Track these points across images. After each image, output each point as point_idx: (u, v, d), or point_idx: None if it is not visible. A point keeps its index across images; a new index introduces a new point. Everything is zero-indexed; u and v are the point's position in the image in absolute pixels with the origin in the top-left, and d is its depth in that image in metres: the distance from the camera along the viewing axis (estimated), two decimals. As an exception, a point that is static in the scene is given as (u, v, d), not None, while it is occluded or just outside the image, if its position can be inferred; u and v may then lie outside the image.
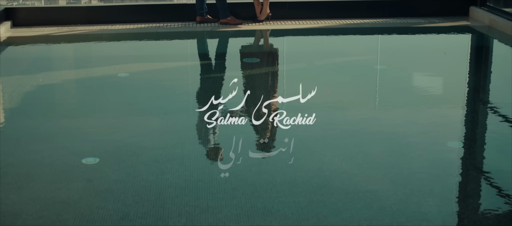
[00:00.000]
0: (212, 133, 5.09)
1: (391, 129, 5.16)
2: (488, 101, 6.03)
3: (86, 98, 6.14)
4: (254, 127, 5.13)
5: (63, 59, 7.69)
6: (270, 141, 4.99)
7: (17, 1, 14.06)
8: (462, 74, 6.94)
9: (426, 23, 8.94)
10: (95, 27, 8.68)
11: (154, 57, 7.61)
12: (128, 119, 5.44)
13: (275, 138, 4.97)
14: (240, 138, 4.76)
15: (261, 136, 5.03)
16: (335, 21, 9.01)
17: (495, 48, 8.30)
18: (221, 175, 4.23)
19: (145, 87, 6.37)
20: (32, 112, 5.68)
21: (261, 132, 5.09)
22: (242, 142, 4.70)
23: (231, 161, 4.44)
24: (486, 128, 5.32)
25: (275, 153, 4.65)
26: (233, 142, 4.70)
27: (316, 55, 7.72)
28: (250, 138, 4.93)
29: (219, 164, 4.53)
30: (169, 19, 8.99)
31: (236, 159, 4.46)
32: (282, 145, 4.67)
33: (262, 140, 5.01)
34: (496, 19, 8.56)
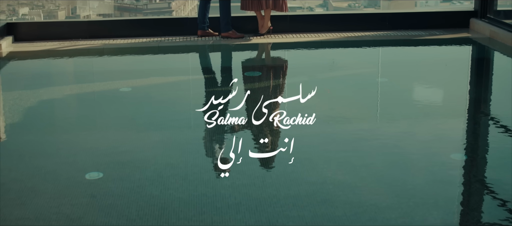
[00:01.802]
0: (216, 147, 5.09)
1: (393, 142, 5.16)
2: (490, 113, 6.03)
3: (88, 113, 6.14)
4: (254, 129, 5.14)
5: (65, 74, 7.71)
6: (270, 142, 5.00)
7: (18, 15, 14.08)
8: (463, 86, 6.95)
9: (427, 36, 8.96)
10: (97, 42, 8.70)
11: (156, 71, 7.62)
12: (131, 133, 5.44)
13: (276, 142, 4.98)
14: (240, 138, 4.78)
15: (261, 138, 5.04)
16: (336, 34, 9.03)
17: (496, 59, 8.31)
18: (221, 175, 4.25)
19: (147, 101, 6.38)
20: (35, 127, 5.68)
21: (261, 134, 5.09)
22: (242, 142, 4.73)
23: (231, 160, 4.47)
24: (488, 140, 5.32)
25: (276, 153, 4.68)
26: (233, 142, 4.74)
27: (317, 68, 7.73)
28: (250, 140, 4.93)
29: (219, 164, 4.56)
30: (170, 33, 9.01)
31: (236, 159, 4.49)
32: (282, 146, 4.70)
33: (262, 140, 5.03)
34: (497, 31, 8.58)
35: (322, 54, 8.52)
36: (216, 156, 4.90)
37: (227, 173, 4.39)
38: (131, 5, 15.22)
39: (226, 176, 4.33)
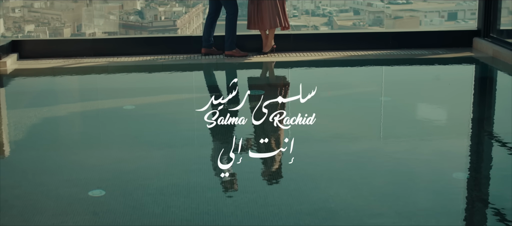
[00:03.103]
0: (220, 165, 5.10)
1: (396, 160, 5.16)
2: (493, 132, 6.04)
3: (91, 131, 6.16)
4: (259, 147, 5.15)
5: (69, 91, 7.73)
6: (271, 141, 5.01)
7: (23, 33, 14.13)
8: (466, 105, 6.95)
9: (430, 54, 8.97)
10: (101, 60, 8.73)
11: (160, 89, 7.64)
12: (134, 151, 5.45)
13: (280, 161, 5.00)
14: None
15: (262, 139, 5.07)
16: (339, 53, 9.05)
17: (499, 79, 8.33)
18: (221, 175, 4.26)
19: (151, 119, 6.39)
20: (38, 144, 5.70)
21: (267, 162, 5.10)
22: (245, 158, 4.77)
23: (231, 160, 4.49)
24: (491, 159, 5.32)
25: (276, 152, 4.70)
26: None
27: (320, 87, 7.74)
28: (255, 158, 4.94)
29: (219, 164, 4.57)
30: (174, 52, 9.04)
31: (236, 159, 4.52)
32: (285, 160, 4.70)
33: (262, 140, 5.05)
34: (500, 50, 8.60)
35: (325, 73, 8.53)
36: (219, 174, 4.91)
37: (227, 174, 4.41)
38: (136, 23, 15.28)
39: (226, 176, 4.36)
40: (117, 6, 15.53)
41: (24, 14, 14.97)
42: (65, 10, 15.19)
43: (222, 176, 4.43)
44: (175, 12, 15.68)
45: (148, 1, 16.09)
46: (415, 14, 16.39)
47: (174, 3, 15.84)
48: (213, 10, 8.79)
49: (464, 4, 15.65)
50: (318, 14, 16.23)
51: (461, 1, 15.96)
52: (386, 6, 16.02)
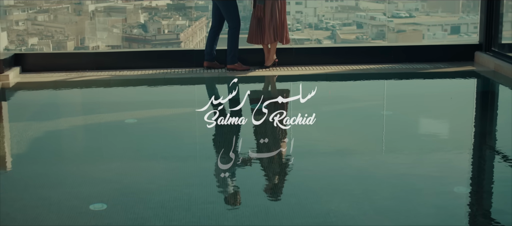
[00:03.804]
0: (221, 178, 5.10)
1: (397, 174, 5.16)
2: (495, 146, 6.04)
3: (93, 144, 6.17)
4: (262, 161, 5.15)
5: (71, 105, 7.75)
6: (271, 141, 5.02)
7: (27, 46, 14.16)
8: (468, 119, 6.96)
9: (431, 68, 8.99)
10: (104, 73, 8.75)
11: (162, 103, 7.66)
12: (136, 164, 5.46)
13: (283, 176, 5.00)
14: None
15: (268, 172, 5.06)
16: (341, 67, 9.07)
17: (500, 93, 8.33)
18: (221, 175, 4.25)
19: (153, 133, 6.40)
20: (40, 157, 5.71)
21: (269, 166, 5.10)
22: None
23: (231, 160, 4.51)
24: (493, 173, 5.32)
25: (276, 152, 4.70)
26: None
27: (322, 101, 7.75)
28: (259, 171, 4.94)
29: (219, 164, 4.57)
30: (176, 65, 9.06)
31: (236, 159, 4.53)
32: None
33: (262, 140, 5.05)
34: (501, 64, 8.61)
35: (327, 87, 8.54)
36: (220, 188, 4.92)
37: (227, 173, 4.43)
38: (140, 36, 15.32)
39: (226, 176, 4.37)
40: (121, 20, 15.58)
41: (27, 27, 15.02)
42: (69, 23, 15.23)
43: (221, 176, 4.45)
44: (179, 26, 15.71)
45: (152, 14, 16.14)
46: (418, 27, 16.42)
47: (177, 16, 15.89)
48: (216, 24, 8.82)
49: (467, 18, 15.68)
50: (321, 28, 16.26)
51: (464, 15, 15.99)
52: (389, 20, 16.06)
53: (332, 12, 16.85)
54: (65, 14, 15.62)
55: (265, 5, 8.60)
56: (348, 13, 16.77)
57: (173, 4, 16.82)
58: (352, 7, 16.94)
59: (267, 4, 8.60)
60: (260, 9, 8.60)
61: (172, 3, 16.82)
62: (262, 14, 8.61)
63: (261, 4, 8.59)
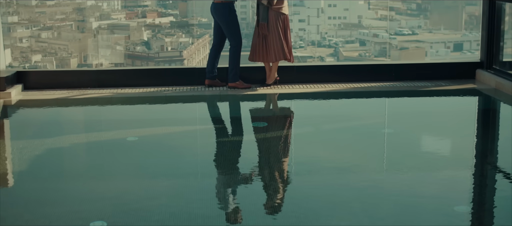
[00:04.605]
0: (222, 197, 5.11)
1: (398, 193, 5.16)
2: (496, 164, 6.04)
3: (94, 162, 6.18)
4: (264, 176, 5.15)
5: (73, 122, 7.77)
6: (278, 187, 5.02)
7: (30, 63, 14.20)
8: (469, 136, 6.95)
9: (433, 86, 8.99)
10: (105, 91, 8.78)
11: (163, 121, 7.67)
12: (136, 182, 5.47)
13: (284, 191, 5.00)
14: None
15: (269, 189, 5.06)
16: (343, 85, 9.08)
17: (502, 110, 8.33)
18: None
19: (154, 151, 6.41)
20: (41, 175, 5.72)
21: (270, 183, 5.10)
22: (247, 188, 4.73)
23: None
24: (494, 192, 5.31)
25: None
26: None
27: (323, 119, 7.77)
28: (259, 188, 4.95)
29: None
30: (178, 83, 9.08)
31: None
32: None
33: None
34: (503, 82, 8.62)
35: (328, 105, 8.56)
36: (220, 206, 4.92)
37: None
38: (143, 53, 15.36)
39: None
40: (124, 37, 15.63)
41: (31, 44, 15.08)
42: (72, 40, 15.29)
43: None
44: (182, 43, 15.76)
45: (155, 32, 16.20)
46: (421, 45, 16.45)
47: (180, 34, 15.94)
48: (218, 42, 8.86)
49: (469, 35, 15.71)
50: (324, 45, 16.30)
51: (467, 32, 16.02)
52: (392, 37, 16.10)
53: (335, 29, 16.89)
54: (69, 31, 15.68)
55: (269, 23, 8.63)
56: (351, 30, 16.82)
57: (176, 21, 16.89)
58: (355, 24, 16.99)
59: (271, 22, 8.63)
60: (264, 27, 8.63)
61: (175, 21, 16.89)
62: (266, 32, 8.64)
63: (264, 22, 8.62)
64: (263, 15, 8.62)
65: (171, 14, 17.49)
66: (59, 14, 16.06)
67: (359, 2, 17.53)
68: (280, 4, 8.62)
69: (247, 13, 15.00)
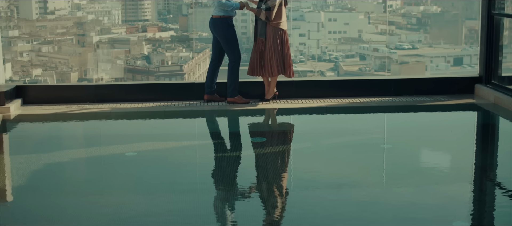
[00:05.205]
0: (220, 213, 5.11)
1: (397, 208, 5.16)
2: (495, 179, 6.03)
3: (93, 177, 6.18)
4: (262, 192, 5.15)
5: (72, 137, 7.77)
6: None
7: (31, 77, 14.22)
8: (468, 152, 6.95)
9: (432, 101, 9.00)
10: (104, 106, 8.78)
11: (162, 136, 7.67)
12: (135, 198, 5.46)
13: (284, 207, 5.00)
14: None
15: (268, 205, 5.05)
16: (341, 99, 9.08)
17: (501, 125, 8.34)
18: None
19: (153, 166, 6.41)
20: (40, 190, 5.72)
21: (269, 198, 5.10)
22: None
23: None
24: (493, 207, 5.31)
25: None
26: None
27: (322, 134, 7.77)
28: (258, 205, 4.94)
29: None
30: (177, 98, 9.09)
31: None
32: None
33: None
34: (501, 97, 8.62)
35: (327, 120, 8.56)
36: (218, 221, 4.92)
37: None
38: (144, 68, 15.39)
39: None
40: (124, 51, 15.67)
41: (31, 58, 15.11)
42: (73, 54, 15.33)
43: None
44: (182, 57, 15.79)
45: (155, 46, 16.23)
46: (421, 59, 16.48)
47: (181, 48, 15.97)
48: (216, 57, 8.87)
49: (470, 50, 15.75)
50: (324, 60, 16.33)
51: (467, 47, 16.06)
52: (392, 52, 16.13)
53: (335, 43, 16.93)
54: (69, 45, 15.72)
55: (267, 38, 8.64)
56: (351, 45, 16.86)
57: (176, 36, 16.93)
58: (355, 39, 17.04)
59: (269, 37, 8.65)
60: (262, 43, 8.65)
61: (175, 35, 16.93)
62: (263, 48, 8.65)
63: (262, 38, 8.63)
64: (261, 30, 8.64)
65: (172, 29, 17.54)
66: (60, 28, 16.11)
67: (359, 16, 17.59)
68: (279, 20, 8.64)
69: (247, 28, 15.04)
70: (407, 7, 17.76)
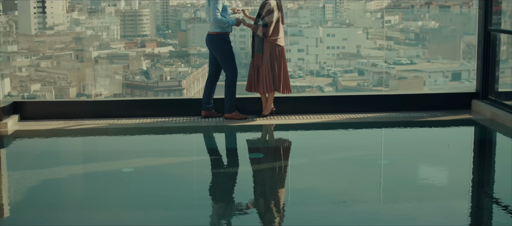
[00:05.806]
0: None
1: (394, 224, 5.16)
2: (492, 194, 6.04)
3: (90, 193, 6.18)
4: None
5: (69, 153, 7.78)
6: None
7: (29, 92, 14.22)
8: (465, 167, 6.96)
9: (429, 117, 9.01)
10: (102, 122, 8.79)
11: (159, 152, 7.68)
12: (131, 214, 5.47)
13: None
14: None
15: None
16: (339, 115, 9.09)
17: (497, 141, 8.35)
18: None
19: (150, 182, 6.41)
20: (37, 206, 5.72)
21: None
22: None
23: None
24: (490, 223, 5.31)
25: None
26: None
27: (320, 150, 7.78)
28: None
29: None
30: (174, 114, 9.09)
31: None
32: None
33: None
34: (498, 112, 8.64)
35: (324, 136, 8.57)
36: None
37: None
38: (142, 83, 15.41)
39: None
40: (123, 66, 15.69)
41: (30, 73, 15.12)
42: (71, 69, 15.34)
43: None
44: (181, 72, 15.82)
45: (154, 61, 16.26)
46: (420, 74, 16.51)
47: (179, 63, 15.99)
48: (213, 73, 8.88)
49: (468, 65, 15.76)
50: (323, 75, 16.35)
51: (465, 62, 16.07)
52: (391, 67, 16.14)
53: (334, 59, 16.96)
54: (68, 60, 15.73)
55: (263, 54, 8.66)
56: (349, 60, 16.89)
57: (175, 51, 16.96)
58: (354, 54, 17.07)
59: (265, 53, 8.66)
60: (259, 59, 8.67)
61: (174, 50, 16.96)
62: (260, 63, 8.66)
63: (259, 54, 8.65)
64: (259, 46, 8.65)
65: (170, 44, 17.58)
66: (59, 43, 16.12)
67: (357, 31, 17.63)
68: (276, 36, 8.65)
69: (245, 43, 15.07)
70: (405, 23, 17.81)
